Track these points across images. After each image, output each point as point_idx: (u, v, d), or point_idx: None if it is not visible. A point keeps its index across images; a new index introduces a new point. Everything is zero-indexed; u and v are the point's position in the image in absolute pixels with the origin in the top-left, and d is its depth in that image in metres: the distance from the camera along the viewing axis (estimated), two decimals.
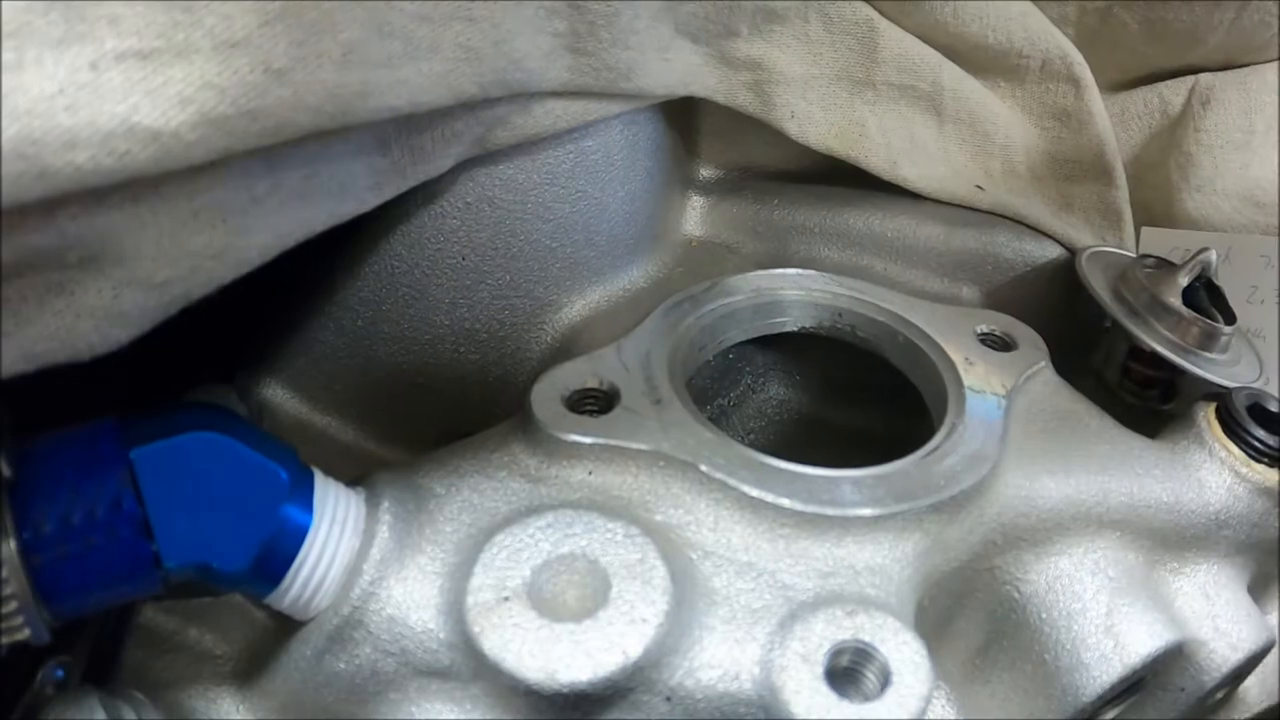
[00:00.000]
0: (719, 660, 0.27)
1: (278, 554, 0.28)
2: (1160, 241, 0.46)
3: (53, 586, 0.26)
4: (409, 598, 0.29)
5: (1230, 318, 0.40)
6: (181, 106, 0.23)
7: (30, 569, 0.25)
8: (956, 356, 0.37)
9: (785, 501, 0.30)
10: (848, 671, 0.27)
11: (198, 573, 0.28)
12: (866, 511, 0.30)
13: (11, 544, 0.25)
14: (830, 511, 0.30)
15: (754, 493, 0.30)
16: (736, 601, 0.29)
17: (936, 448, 0.33)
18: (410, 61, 0.29)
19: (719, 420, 0.43)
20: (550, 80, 0.33)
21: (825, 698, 0.26)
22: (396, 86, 0.28)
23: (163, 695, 0.30)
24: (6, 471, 0.26)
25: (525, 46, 0.32)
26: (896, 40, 0.41)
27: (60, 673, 0.30)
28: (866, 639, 0.27)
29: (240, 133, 0.25)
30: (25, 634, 0.26)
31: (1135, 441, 0.37)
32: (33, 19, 0.21)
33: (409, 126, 0.32)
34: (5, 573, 0.25)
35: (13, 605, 0.25)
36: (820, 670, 0.27)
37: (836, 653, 0.27)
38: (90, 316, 0.26)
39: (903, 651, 0.27)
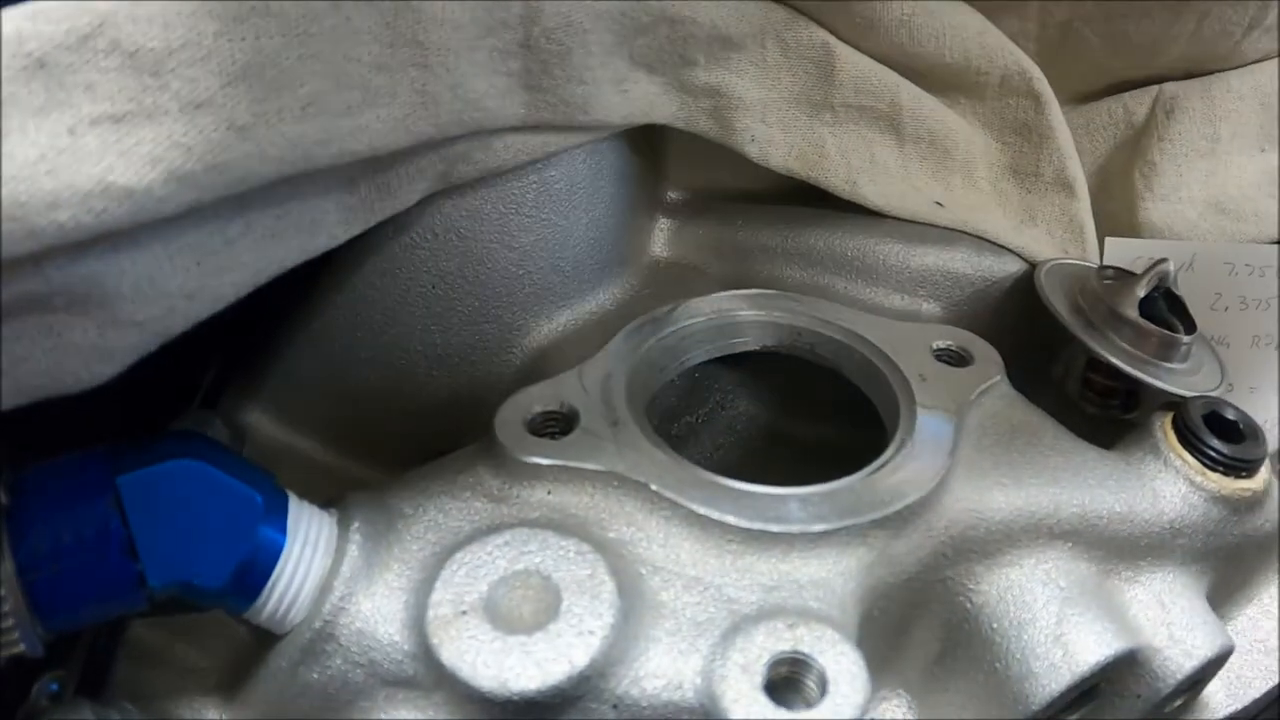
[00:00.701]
0: (663, 670, 0.30)
1: (254, 572, 0.31)
2: (1124, 251, 0.48)
3: (46, 603, 0.29)
4: (376, 612, 0.31)
5: (1190, 327, 0.42)
6: (152, 165, 0.26)
7: (25, 587, 0.28)
8: (911, 373, 0.39)
9: (731, 519, 0.32)
10: (788, 680, 0.29)
11: (180, 590, 0.31)
12: (811, 528, 0.32)
13: (8, 564, 0.28)
14: (775, 528, 0.32)
15: (702, 510, 0.32)
16: (682, 614, 0.31)
17: (884, 464, 0.35)
18: (369, 108, 0.31)
19: (688, 437, 0.46)
20: (508, 117, 0.36)
21: (762, 706, 0.28)
22: (356, 133, 0.31)
23: (151, 706, 0.32)
24: (3, 498, 0.29)
25: (481, 87, 0.34)
26: (853, 63, 0.42)
27: (55, 686, 0.33)
28: (805, 650, 0.29)
29: (208, 186, 0.27)
30: (21, 648, 0.29)
31: (1090, 453, 0.38)
32: (16, 90, 0.24)
33: (375, 165, 0.34)
34: (3, 590, 0.28)
35: (9, 621, 0.28)
36: (759, 680, 0.29)
37: (776, 663, 0.29)
38: (77, 354, 0.29)
39: (840, 662, 0.29)
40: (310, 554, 0.32)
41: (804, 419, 0.47)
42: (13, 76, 0.24)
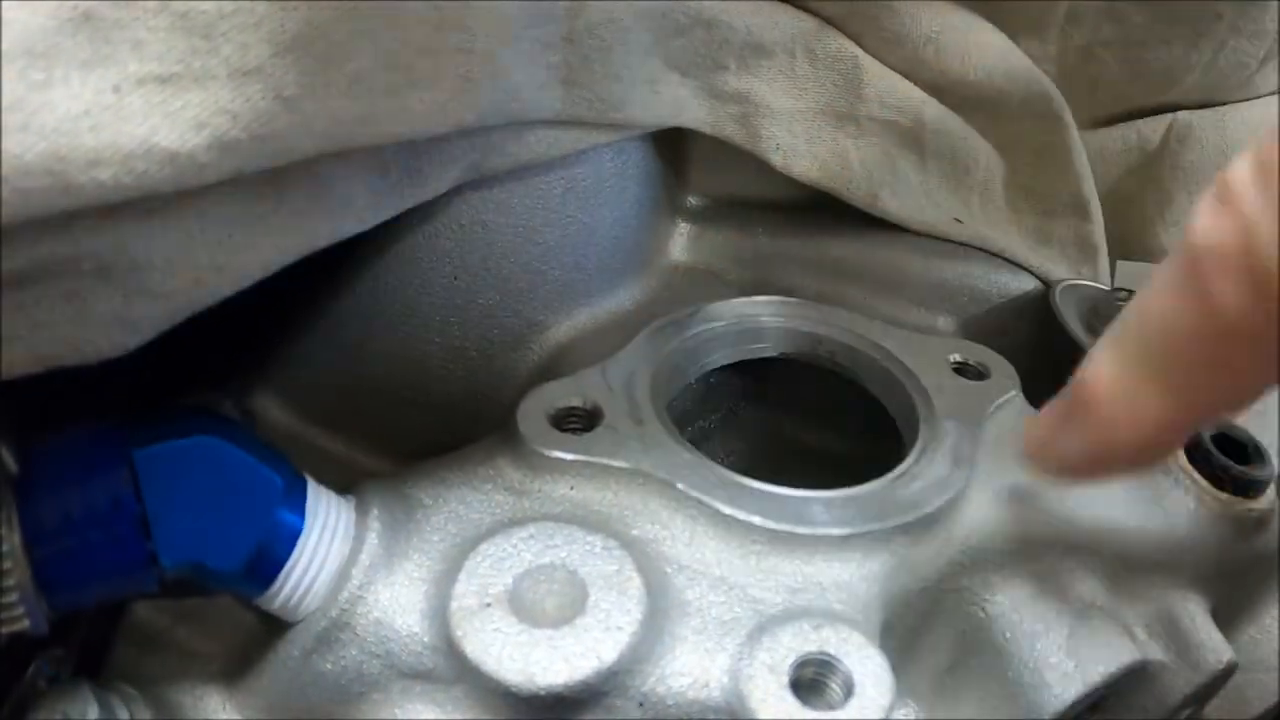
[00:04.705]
0: (689, 668, 0.30)
1: (270, 557, 0.31)
2: (1135, 275, 0.49)
3: (53, 579, 0.28)
4: (395, 602, 0.31)
5: None
6: (197, 130, 0.26)
7: (32, 561, 0.28)
8: (929, 384, 0.39)
9: (757, 520, 0.32)
10: (813, 682, 0.29)
11: (193, 572, 0.30)
12: (835, 531, 0.32)
13: (15, 536, 0.27)
14: (800, 530, 0.32)
15: (728, 510, 0.32)
16: (708, 613, 0.31)
17: (905, 471, 0.35)
18: (411, 91, 0.31)
19: (701, 441, 0.46)
20: (544, 110, 0.36)
21: (790, 705, 0.28)
22: (398, 114, 0.31)
23: (152, 691, 0.32)
24: (12, 467, 0.28)
25: (521, 78, 0.34)
26: (879, 76, 0.43)
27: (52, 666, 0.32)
28: (831, 651, 0.29)
29: (251, 156, 0.27)
30: (25, 624, 0.28)
31: None
32: (61, 40, 0.24)
33: (408, 150, 0.34)
34: (8, 564, 0.27)
35: (14, 596, 0.27)
36: (785, 680, 0.29)
37: (802, 664, 0.29)
38: (100, 323, 0.28)
39: (866, 664, 0.29)
40: (328, 540, 0.31)
41: (814, 428, 0.47)
42: (58, 27, 0.23)
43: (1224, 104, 0.50)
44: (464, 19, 0.32)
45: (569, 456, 0.34)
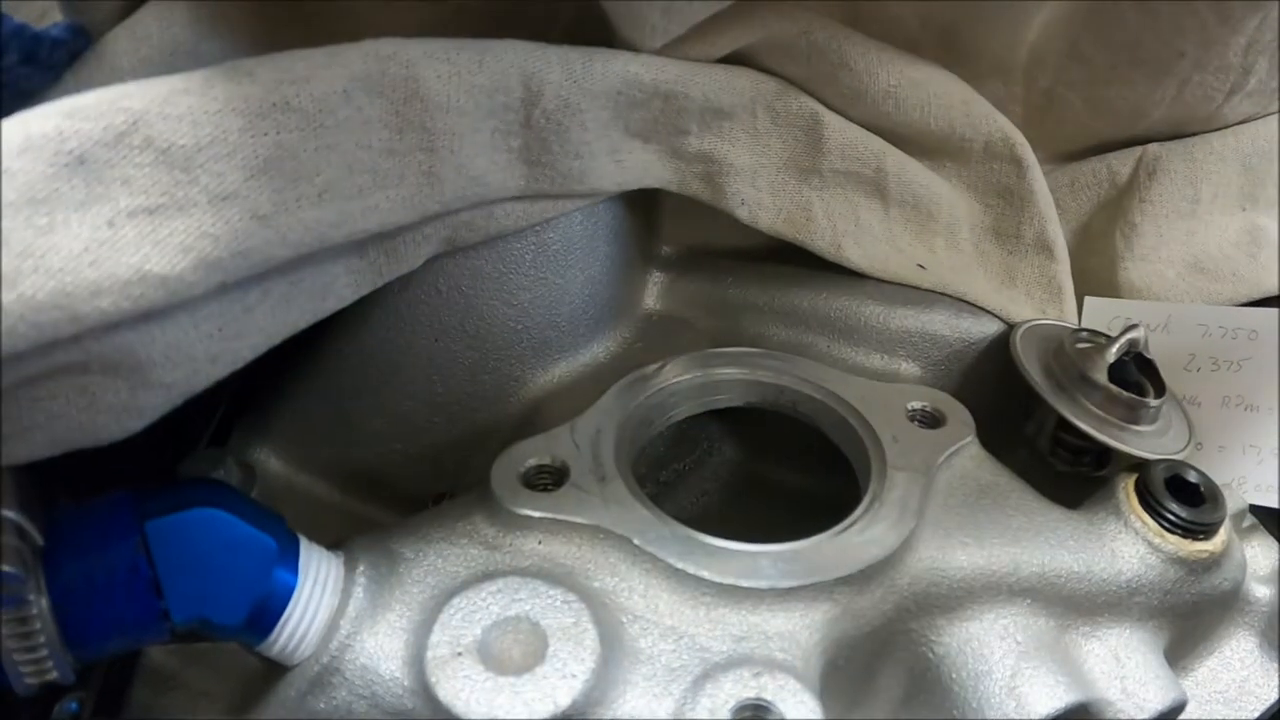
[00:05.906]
0: (638, 712, 0.34)
1: (268, 611, 0.35)
2: (1102, 311, 0.51)
3: (78, 636, 0.33)
4: (379, 650, 0.35)
5: (1160, 389, 0.45)
6: (184, 254, 0.30)
7: (59, 621, 0.32)
8: (884, 434, 0.42)
9: (706, 574, 0.36)
10: None
11: (200, 625, 0.35)
12: (780, 584, 0.36)
13: (44, 600, 0.32)
14: (746, 583, 0.36)
15: (679, 565, 0.36)
16: (658, 661, 0.35)
17: (853, 523, 0.39)
18: (379, 190, 0.35)
19: (676, 483, 0.49)
20: (509, 189, 0.39)
21: None
22: (367, 213, 0.35)
23: None
24: (40, 541, 0.33)
25: (483, 165, 0.38)
26: (840, 130, 0.46)
27: (74, 706, 0.37)
28: (768, 697, 0.33)
29: (233, 270, 0.31)
30: (54, 675, 0.33)
31: (1053, 513, 0.42)
32: (59, 185, 0.28)
33: (384, 234, 0.38)
34: (39, 624, 0.32)
35: (44, 651, 0.32)
36: None
37: (740, 708, 0.33)
38: (109, 411, 0.33)
39: (799, 710, 0.33)
40: (319, 594, 0.36)
41: (786, 466, 0.50)
42: (55, 173, 0.27)
43: (1193, 135, 0.51)
44: (424, 120, 0.35)
45: (537, 514, 0.38)
